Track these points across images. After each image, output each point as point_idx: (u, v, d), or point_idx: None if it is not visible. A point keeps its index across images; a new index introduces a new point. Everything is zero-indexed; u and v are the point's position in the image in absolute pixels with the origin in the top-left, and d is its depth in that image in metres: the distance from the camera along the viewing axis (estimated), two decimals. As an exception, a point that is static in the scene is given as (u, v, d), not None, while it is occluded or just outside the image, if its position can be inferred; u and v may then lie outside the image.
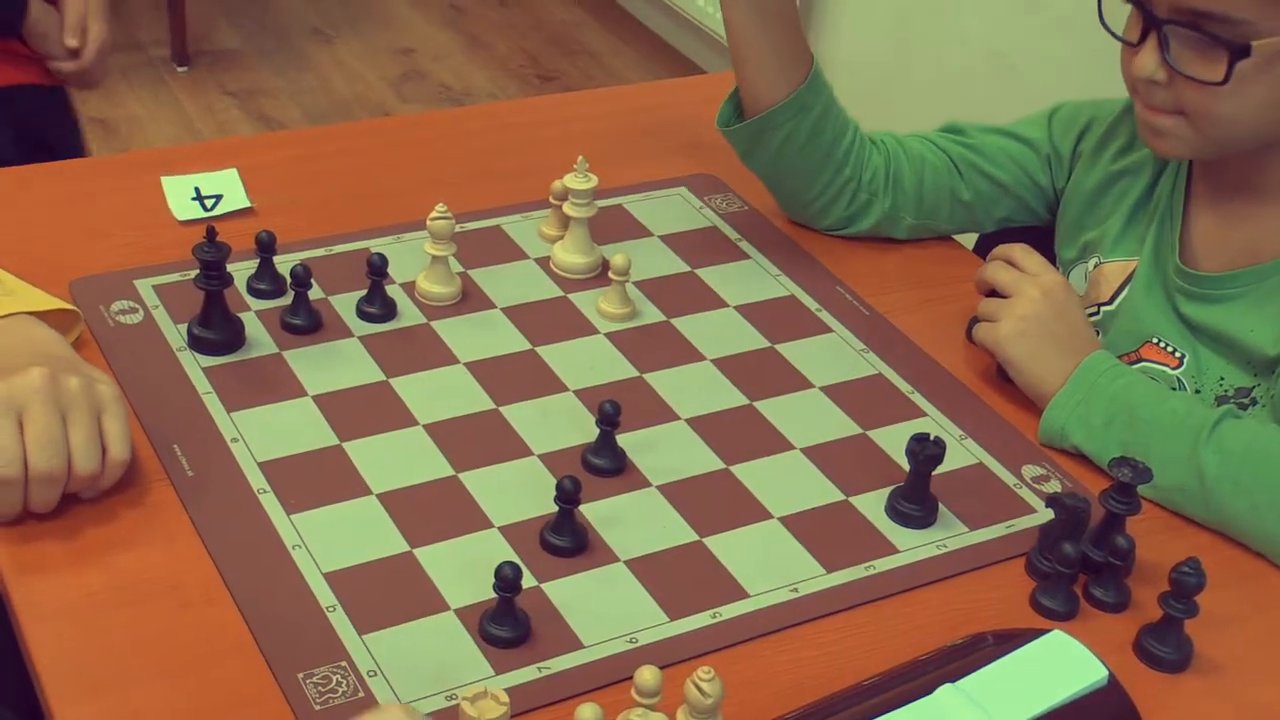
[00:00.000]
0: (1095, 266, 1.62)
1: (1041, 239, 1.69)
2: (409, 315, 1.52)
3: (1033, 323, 1.46)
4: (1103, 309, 1.60)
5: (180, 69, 4.08)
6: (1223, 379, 1.50)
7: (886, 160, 1.69)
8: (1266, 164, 1.48)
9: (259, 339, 1.46)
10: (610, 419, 1.34)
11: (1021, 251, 1.52)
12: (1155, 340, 1.54)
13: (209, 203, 1.65)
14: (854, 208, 1.69)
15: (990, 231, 1.77)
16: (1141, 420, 1.39)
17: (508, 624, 1.17)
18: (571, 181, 1.56)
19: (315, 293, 1.51)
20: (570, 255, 1.60)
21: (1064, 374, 1.44)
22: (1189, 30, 1.37)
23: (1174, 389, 1.50)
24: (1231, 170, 1.51)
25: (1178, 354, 1.52)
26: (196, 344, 1.43)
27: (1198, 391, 1.50)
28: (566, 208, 1.58)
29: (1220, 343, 1.50)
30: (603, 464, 1.35)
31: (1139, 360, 1.54)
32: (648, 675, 1.06)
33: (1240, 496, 1.33)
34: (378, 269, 1.49)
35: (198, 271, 1.41)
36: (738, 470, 1.38)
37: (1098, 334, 1.58)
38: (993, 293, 1.51)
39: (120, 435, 1.24)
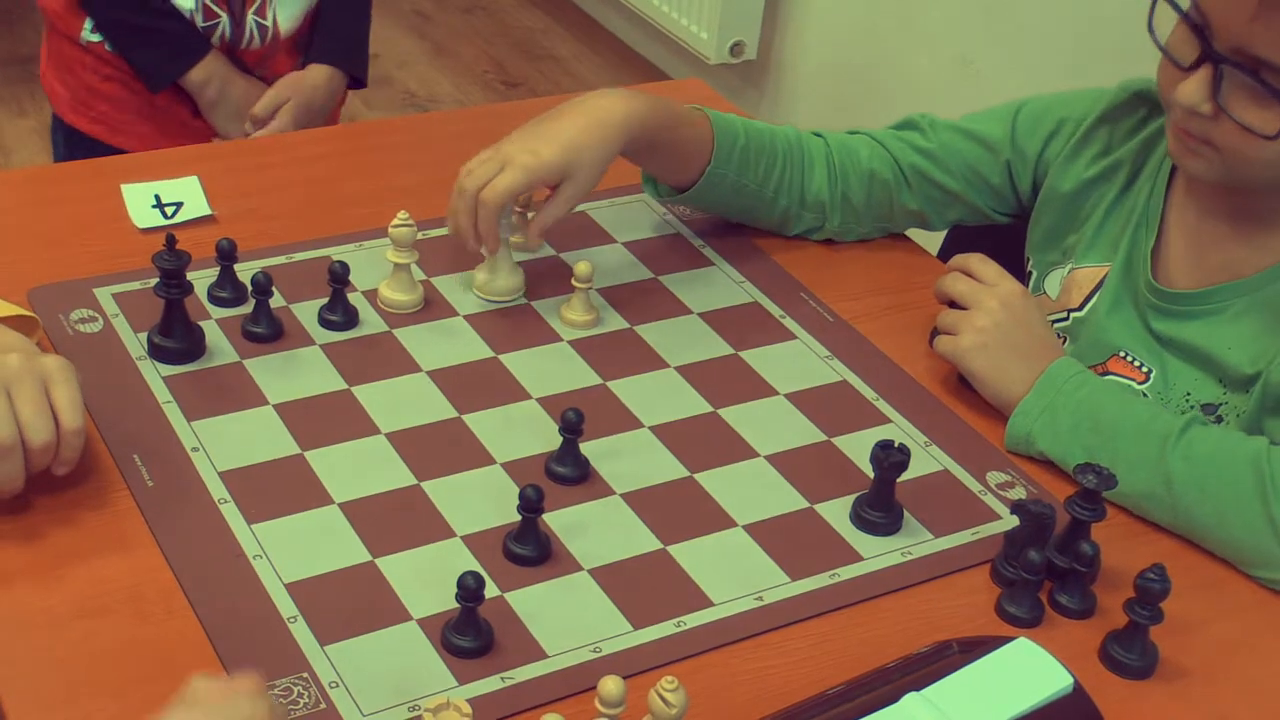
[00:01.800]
0: (1069, 271, 1.62)
1: (1007, 239, 1.69)
2: (371, 323, 1.51)
3: (992, 334, 1.46)
4: (1072, 315, 1.59)
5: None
6: (1189, 394, 1.49)
7: (830, 178, 1.69)
8: (1262, 192, 1.45)
9: (220, 347, 1.45)
10: (573, 427, 1.33)
11: (978, 261, 1.51)
12: (1123, 354, 1.53)
13: (169, 210, 1.64)
14: (803, 226, 1.71)
15: (954, 229, 1.77)
16: (1107, 426, 1.38)
17: (470, 634, 1.16)
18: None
19: (276, 301, 1.50)
20: (493, 278, 1.57)
21: (1027, 382, 1.44)
22: (1247, 75, 1.33)
23: None
24: (1227, 195, 1.48)
25: (1144, 369, 1.52)
26: (157, 353, 1.42)
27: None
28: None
29: (1193, 358, 1.50)
30: (566, 472, 1.35)
31: (1106, 373, 1.54)
32: (611, 685, 1.05)
33: (1207, 502, 1.33)
34: (339, 277, 1.48)
35: (158, 280, 1.40)
36: (702, 478, 1.37)
37: (1064, 340, 1.58)
38: (953, 303, 1.51)
39: (70, 402, 1.22)
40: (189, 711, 0.95)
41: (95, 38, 2.14)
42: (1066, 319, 1.60)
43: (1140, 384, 1.52)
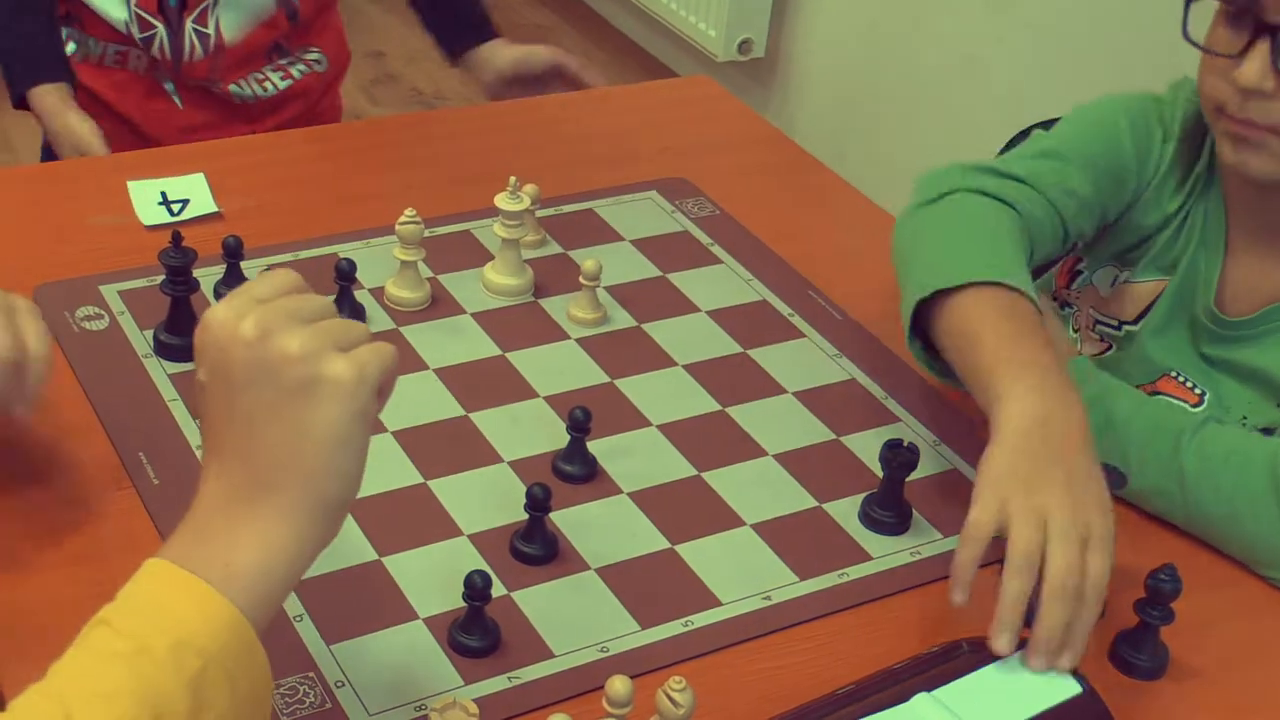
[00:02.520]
0: (1125, 283, 1.56)
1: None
2: (378, 321, 1.51)
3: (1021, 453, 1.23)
4: (1124, 326, 1.56)
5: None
6: (1245, 419, 1.46)
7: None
8: None
9: (226, 345, 1.44)
10: (581, 425, 1.32)
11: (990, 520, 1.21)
12: (1175, 374, 1.50)
13: (176, 207, 1.63)
14: None
15: None
16: (1120, 423, 1.37)
17: (477, 633, 1.16)
18: (502, 202, 1.54)
19: (283, 298, 1.50)
20: (501, 277, 1.58)
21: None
22: None
23: None
24: (1270, 212, 1.44)
25: (1197, 390, 1.49)
26: (163, 350, 1.42)
27: None
28: (497, 228, 1.56)
29: (1249, 379, 1.46)
30: (573, 471, 1.34)
31: (1155, 393, 1.50)
32: (619, 685, 1.04)
33: (1220, 501, 1.32)
34: (346, 274, 1.47)
35: (164, 277, 1.40)
36: (709, 477, 1.37)
37: (1109, 347, 1.55)
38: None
39: (37, 331, 1.21)
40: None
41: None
42: (1119, 329, 1.56)
43: (1194, 406, 1.48)
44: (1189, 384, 1.50)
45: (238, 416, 0.93)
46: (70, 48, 2.05)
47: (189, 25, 2.03)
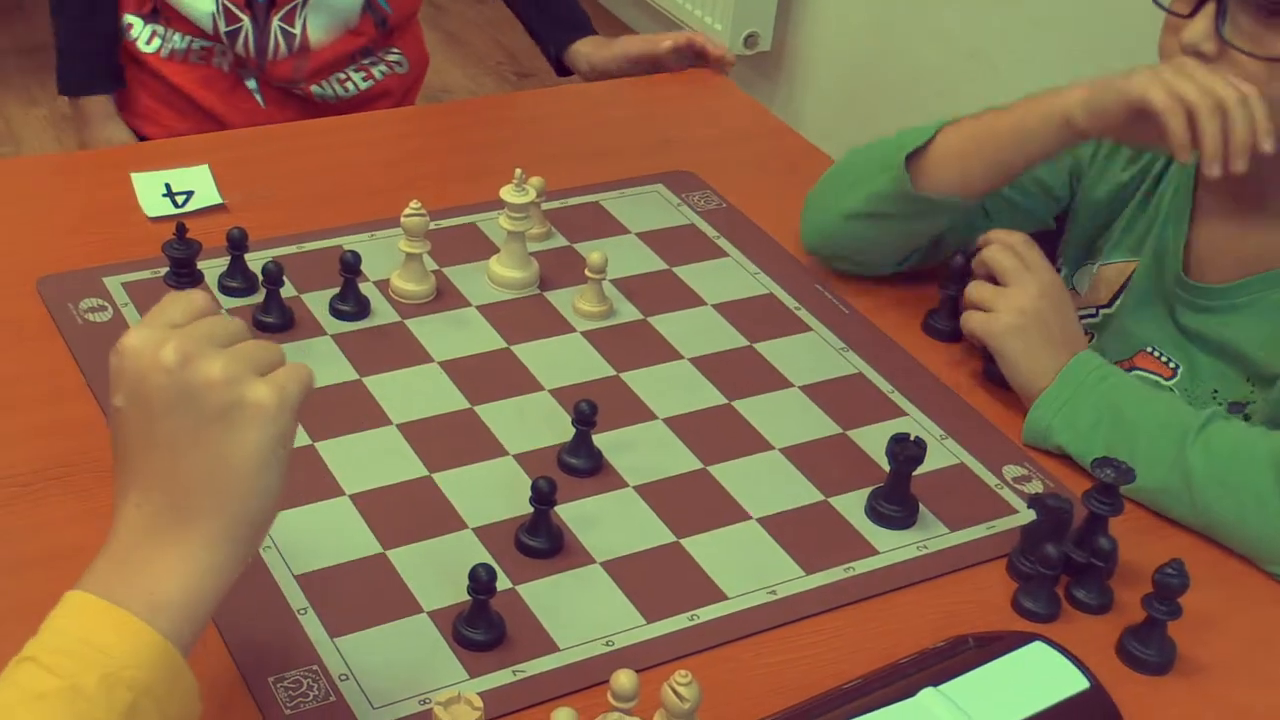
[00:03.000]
0: (1097, 268, 1.60)
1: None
2: (382, 313, 1.51)
3: (1032, 318, 1.44)
4: (1101, 311, 1.58)
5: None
6: (1216, 392, 1.48)
7: None
8: (1276, 172, 1.43)
9: (230, 337, 1.44)
10: (586, 419, 1.32)
11: (1024, 243, 1.49)
12: (1150, 349, 1.52)
13: (180, 199, 1.63)
14: (896, 267, 1.64)
15: None
16: (1127, 421, 1.37)
17: (482, 627, 1.15)
18: (507, 195, 1.53)
19: (287, 290, 1.50)
20: (506, 270, 1.57)
21: (1054, 373, 1.42)
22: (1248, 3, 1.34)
23: None
24: (1240, 179, 1.44)
25: (1171, 364, 1.51)
26: (166, 342, 1.41)
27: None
28: (502, 221, 1.55)
29: (1221, 354, 1.48)
30: (579, 464, 1.34)
31: (1133, 369, 1.52)
32: (624, 679, 1.04)
33: (1226, 497, 1.32)
34: (351, 266, 1.47)
35: (168, 269, 1.40)
36: (715, 471, 1.36)
37: (1091, 337, 1.56)
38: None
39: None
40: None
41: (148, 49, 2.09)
42: (1096, 315, 1.58)
43: (1167, 380, 1.50)
44: (1163, 358, 1.52)
45: (158, 443, 0.93)
46: (155, 45, 2.06)
47: (275, 23, 2.04)
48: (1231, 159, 1.33)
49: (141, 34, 2.05)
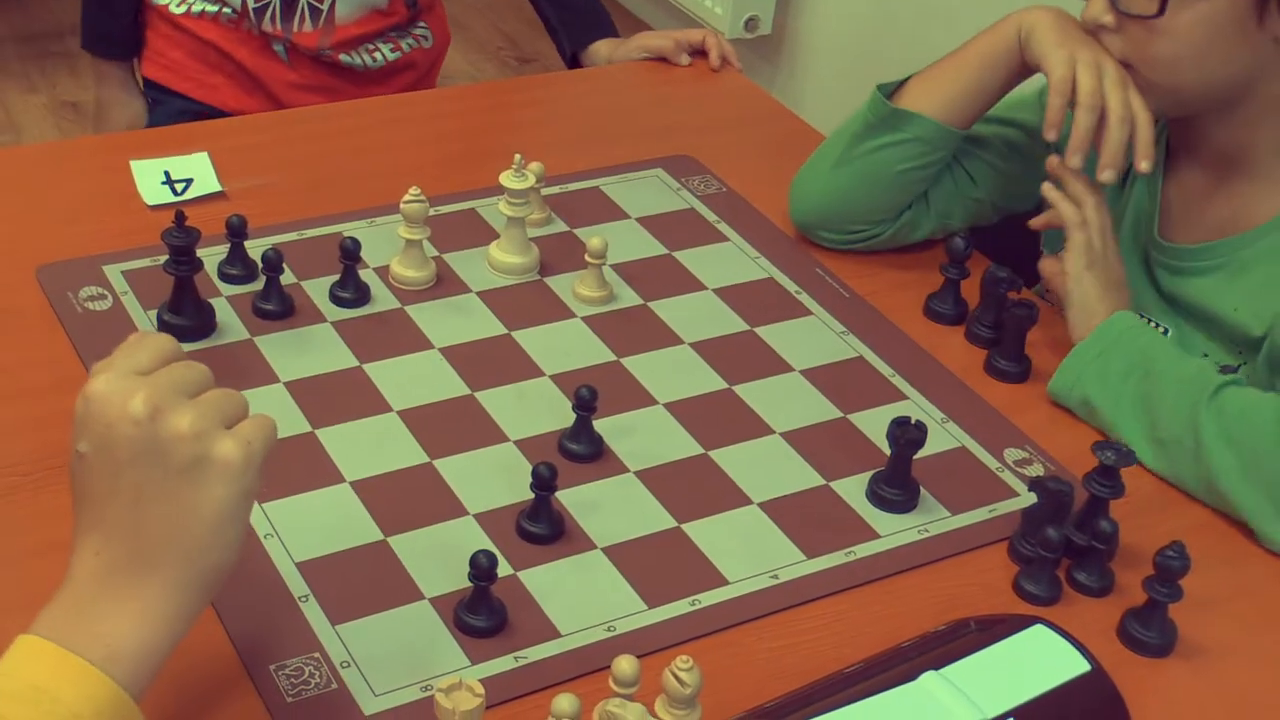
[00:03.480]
0: None
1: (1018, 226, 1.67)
2: (382, 300, 1.50)
3: (1098, 260, 1.48)
4: None
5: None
6: (1206, 356, 1.49)
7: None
8: (1242, 132, 1.47)
9: (230, 325, 1.44)
10: (587, 404, 1.32)
11: (1086, 186, 1.50)
12: (1140, 315, 1.52)
13: (179, 187, 1.63)
14: (884, 228, 1.65)
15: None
16: (1158, 373, 1.39)
17: (483, 613, 1.15)
18: (507, 180, 1.53)
19: (287, 277, 1.50)
20: (506, 255, 1.57)
21: (1099, 319, 1.45)
22: None
23: None
24: (1208, 139, 1.50)
25: (1161, 328, 1.52)
26: (166, 330, 1.41)
27: None
28: (502, 206, 1.55)
29: (1204, 321, 1.50)
30: (579, 450, 1.34)
31: None
32: (625, 664, 1.04)
33: (1229, 453, 1.32)
34: (351, 253, 1.47)
35: (167, 257, 1.40)
36: (716, 455, 1.36)
37: None
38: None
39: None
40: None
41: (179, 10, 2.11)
42: None
43: None
44: (1152, 323, 1.53)
45: (122, 492, 0.92)
46: (183, 9, 2.09)
47: (303, 1, 2.07)
48: (1100, 167, 1.44)
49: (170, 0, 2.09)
